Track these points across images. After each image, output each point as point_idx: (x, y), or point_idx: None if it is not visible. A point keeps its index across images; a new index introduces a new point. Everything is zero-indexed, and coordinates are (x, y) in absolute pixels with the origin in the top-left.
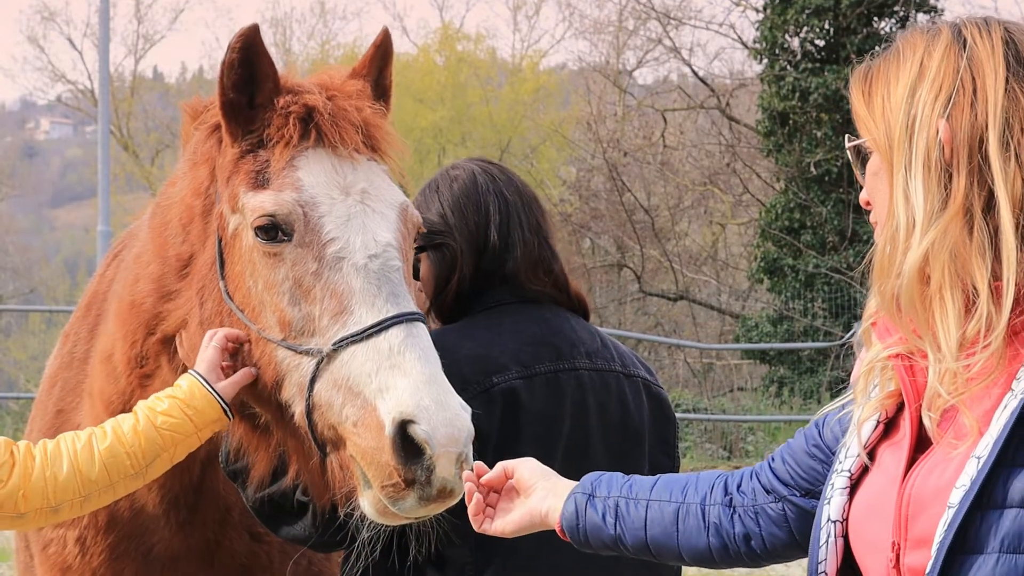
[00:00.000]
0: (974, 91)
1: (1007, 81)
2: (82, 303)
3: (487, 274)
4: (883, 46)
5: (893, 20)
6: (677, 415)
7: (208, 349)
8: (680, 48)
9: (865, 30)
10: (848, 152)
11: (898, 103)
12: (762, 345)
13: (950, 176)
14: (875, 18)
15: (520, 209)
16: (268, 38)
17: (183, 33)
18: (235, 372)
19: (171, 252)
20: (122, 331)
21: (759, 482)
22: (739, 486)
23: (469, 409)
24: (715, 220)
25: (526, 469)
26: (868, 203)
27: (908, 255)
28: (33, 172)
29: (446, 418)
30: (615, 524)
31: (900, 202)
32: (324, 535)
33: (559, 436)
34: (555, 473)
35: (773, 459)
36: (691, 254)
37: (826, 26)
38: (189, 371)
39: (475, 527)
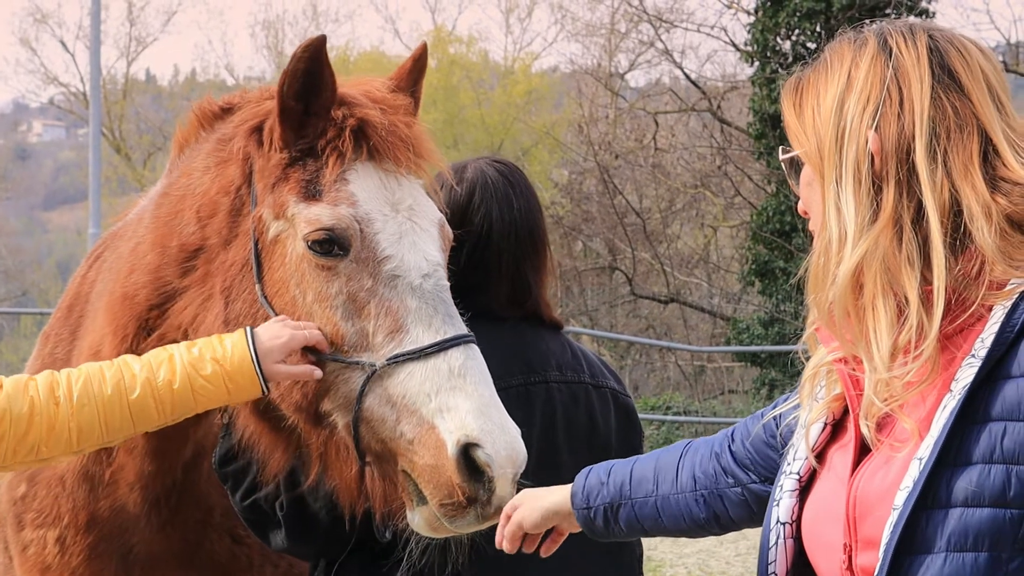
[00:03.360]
0: (901, 101)
1: (933, 89)
2: (63, 304)
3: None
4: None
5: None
6: (668, 418)
7: (296, 334)
8: (672, 51)
9: None
10: (782, 163)
11: (827, 114)
12: (753, 348)
13: (880, 187)
14: (866, 21)
15: (505, 238)
16: (260, 41)
17: (176, 35)
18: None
19: (174, 242)
20: (112, 325)
21: (719, 464)
22: (703, 467)
23: (519, 431)
24: (706, 223)
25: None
26: (806, 213)
27: (840, 267)
28: (25, 174)
29: (507, 441)
30: (616, 528)
31: (832, 214)
32: (311, 553)
33: (529, 448)
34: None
35: (733, 440)
36: (683, 257)
37: (817, 29)
38: (247, 336)
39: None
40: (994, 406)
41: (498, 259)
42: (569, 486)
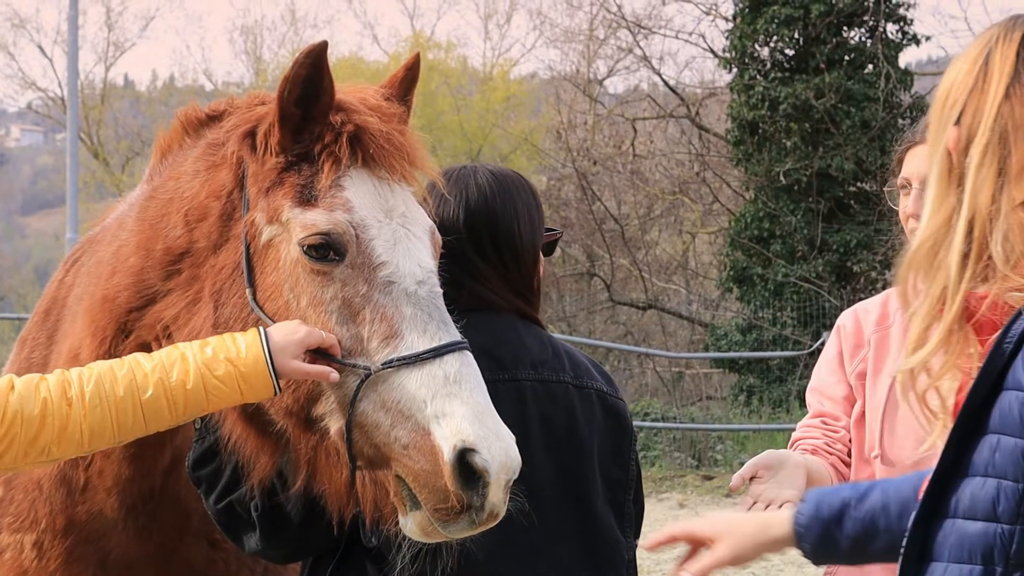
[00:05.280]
0: (980, 98)
1: (1008, 88)
2: (40, 308)
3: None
4: (851, 55)
5: (863, 30)
6: (647, 424)
7: (313, 331)
8: (650, 57)
9: (834, 39)
10: None
11: (939, 105)
12: (732, 354)
13: (951, 181)
14: (844, 28)
15: (487, 243)
16: (238, 46)
17: (154, 40)
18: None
19: (159, 245)
20: (91, 328)
21: None
22: None
23: (514, 437)
24: (685, 229)
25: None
26: None
27: (908, 252)
28: (3, 179)
29: (502, 448)
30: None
31: (925, 200)
32: (284, 556)
33: None
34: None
35: None
36: (661, 263)
37: (795, 35)
38: (261, 336)
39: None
40: (993, 418)
41: (454, 255)
42: (783, 518)
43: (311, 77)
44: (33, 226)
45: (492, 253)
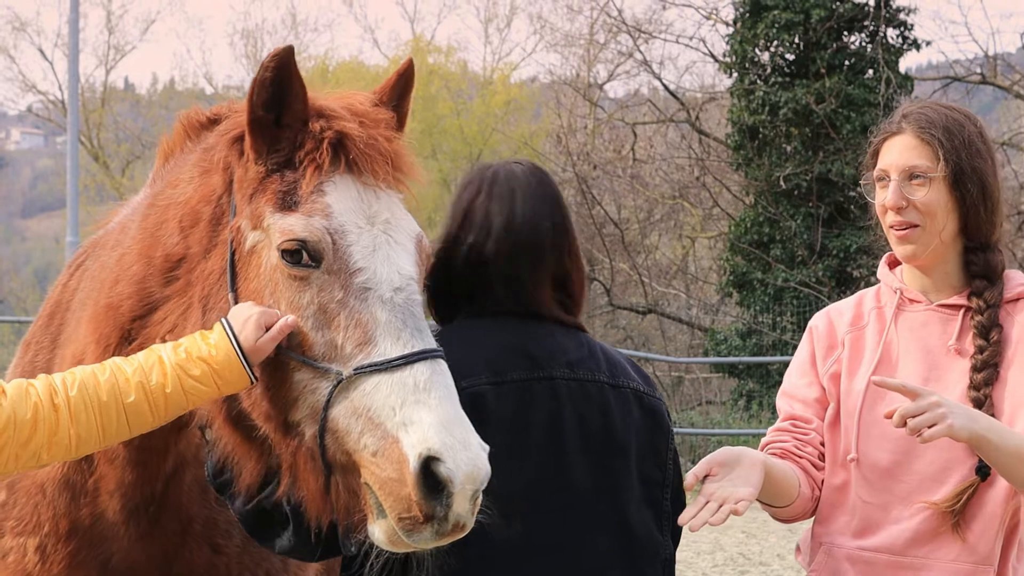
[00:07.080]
0: None
1: None
2: (44, 312)
3: (461, 282)
4: (852, 60)
5: (863, 35)
6: None
7: (267, 310)
8: (651, 62)
9: (835, 44)
10: None
11: None
12: (731, 359)
13: None
14: (845, 32)
15: (501, 239)
16: (239, 50)
17: (154, 44)
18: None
19: (158, 252)
20: (95, 335)
21: None
22: None
23: (487, 448)
24: (685, 234)
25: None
26: None
27: None
28: (3, 182)
29: (468, 458)
30: None
31: None
32: (317, 551)
33: (528, 447)
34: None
35: None
36: (661, 267)
37: (796, 40)
38: (226, 330)
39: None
40: None
41: (494, 259)
42: None
43: (277, 80)
44: (33, 229)
45: (528, 264)
